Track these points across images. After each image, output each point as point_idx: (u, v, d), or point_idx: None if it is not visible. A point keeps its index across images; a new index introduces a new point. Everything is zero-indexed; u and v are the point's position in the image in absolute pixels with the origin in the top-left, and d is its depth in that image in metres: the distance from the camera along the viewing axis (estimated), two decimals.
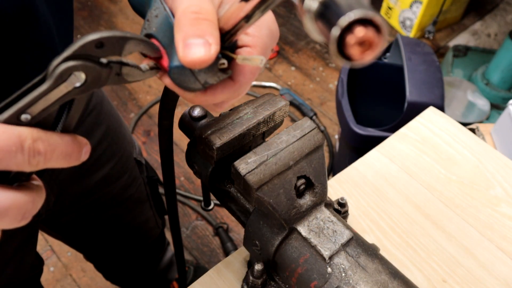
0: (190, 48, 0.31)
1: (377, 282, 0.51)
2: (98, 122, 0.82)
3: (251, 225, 0.59)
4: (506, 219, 0.78)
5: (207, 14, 0.33)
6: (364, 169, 0.84)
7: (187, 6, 0.32)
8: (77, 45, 0.30)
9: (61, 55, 0.31)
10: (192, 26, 0.32)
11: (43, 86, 0.31)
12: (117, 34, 0.32)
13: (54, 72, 0.30)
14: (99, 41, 0.31)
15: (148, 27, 0.36)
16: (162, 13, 0.35)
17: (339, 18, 0.20)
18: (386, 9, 2.52)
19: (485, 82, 2.06)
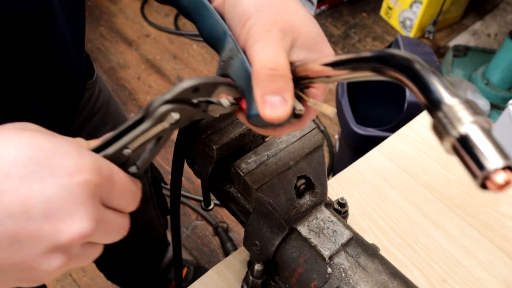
0: (269, 105, 0.34)
1: (377, 282, 0.51)
2: (104, 121, 0.82)
3: (251, 225, 0.59)
4: (506, 219, 0.78)
5: (283, 70, 0.35)
6: (364, 169, 0.84)
7: (264, 62, 0.35)
8: (177, 90, 0.35)
9: (162, 98, 0.35)
10: (270, 83, 0.34)
11: (144, 125, 0.35)
12: (211, 81, 0.36)
13: (155, 113, 0.35)
14: (196, 87, 0.35)
15: (223, 67, 0.39)
16: (237, 56, 0.38)
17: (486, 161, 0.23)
18: (386, 9, 2.52)
19: (485, 82, 2.06)
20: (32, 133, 0.31)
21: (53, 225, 0.30)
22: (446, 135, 0.25)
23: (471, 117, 0.24)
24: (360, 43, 2.46)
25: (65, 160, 0.31)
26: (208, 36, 0.41)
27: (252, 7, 0.37)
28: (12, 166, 0.29)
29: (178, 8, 0.44)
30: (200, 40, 2.42)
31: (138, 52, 2.37)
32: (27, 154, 0.30)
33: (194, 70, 2.29)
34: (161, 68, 2.30)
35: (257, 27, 0.36)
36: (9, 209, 0.29)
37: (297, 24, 0.38)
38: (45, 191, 0.30)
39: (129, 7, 2.59)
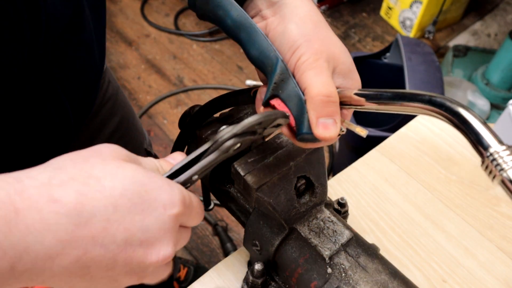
0: (322, 127, 0.41)
1: (377, 282, 0.51)
2: (113, 112, 0.84)
3: (251, 225, 0.59)
4: (506, 219, 0.78)
5: (335, 97, 0.41)
6: (364, 169, 0.84)
7: (319, 89, 0.41)
8: (245, 126, 0.39)
9: (231, 131, 0.39)
10: (324, 108, 0.41)
11: (212, 156, 0.40)
12: (273, 116, 0.41)
13: (223, 146, 0.39)
14: (260, 122, 0.40)
15: (275, 89, 0.43)
16: (288, 79, 0.43)
17: None
18: (386, 9, 2.52)
19: (485, 82, 2.06)
20: (133, 168, 0.36)
21: (144, 249, 0.35)
22: (495, 174, 0.34)
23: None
24: (360, 43, 2.46)
25: (161, 195, 0.36)
26: (257, 57, 0.44)
27: (301, 36, 0.43)
28: (119, 199, 0.34)
29: (221, 27, 0.47)
30: (200, 40, 2.42)
31: (138, 52, 2.37)
32: (131, 188, 0.34)
33: (194, 70, 2.29)
34: (161, 68, 2.30)
35: (307, 56, 0.42)
36: (115, 237, 0.34)
37: (336, 55, 0.44)
38: (144, 222, 0.35)
39: (129, 7, 2.59)
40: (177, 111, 2.11)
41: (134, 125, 0.93)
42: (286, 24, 0.44)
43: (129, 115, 0.90)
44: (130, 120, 0.91)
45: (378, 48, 2.39)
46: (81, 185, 0.33)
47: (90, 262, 0.33)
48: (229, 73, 2.29)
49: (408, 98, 0.39)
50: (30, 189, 0.32)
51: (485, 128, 0.34)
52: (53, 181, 0.33)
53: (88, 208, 0.33)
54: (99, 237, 0.33)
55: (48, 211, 0.31)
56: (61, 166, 0.34)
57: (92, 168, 0.34)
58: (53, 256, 0.32)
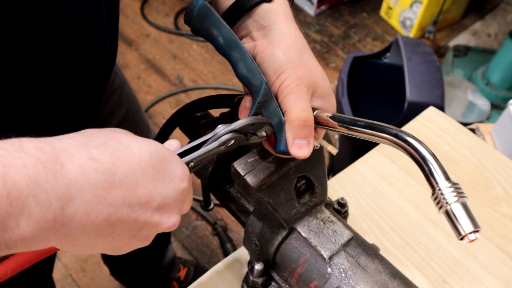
0: (297, 147, 0.46)
1: (377, 282, 0.51)
2: (120, 103, 0.85)
3: (251, 225, 0.59)
4: (506, 219, 0.78)
5: (311, 122, 0.47)
6: (364, 169, 0.84)
7: (298, 114, 0.46)
8: (242, 124, 0.46)
9: (228, 127, 0.46)
10: (300, 130, 0.46)
11: (210, 145, 0.45)
12: (263, 120, 0.47)
13: (220, 138, 0.45)
14: (253, 123, 0.46)
15: (258, 108, 0.48)
16: (270, 100, 0.48)
17: (464, 226, 0.40)
18: (386, 9, 2.52)
19: (485, 82, 2.05)
20: (155, 142, 0.40)
21: (160, 214, 0.39)
22: (442, 205, 0.41)
23: (456, 197, 0.40)
24: (360, 43, 2.46)
25: (177, 168, 0.40)
26: (244, 77, 0.49)
27: (286, 62, 0.48)
28: (146, 166, 0.38)
29: (213, 44, 0.51)
30: (200, 40, 2.42)
31: (138, 52, 2.37)
32: (156, 158, 0.39)
33: (194, 70, 2.30)
34: (161, 68, 2.30)
35: (290, 81, 0.47)
36: (140, 199, 0.37)
37: (317, 80, 0.49)
38: (165, 189, 0.39)
39: (129, 7, 2.59)
40: None
41: (140, 116, 0.94)
42: (274, 49, 0.49)
43: (135, 107, 0.92)
44: (136, 112, 0.92)
45: (378, 48, 2.39)
46: (114, 150, 0.36)
47: (117, 221, 0.37)
48: (229, 73, 2.29)
49: (378, 130, 0.44)
50: (71, 147, 0.35)
51: (439, 167, 0.42)
52: (90, 143, 0.36)
53: (121, 169, 0.36)
54: (128, 197, 0.36)
55: (88, 167, 0.34)
56: (93, 134, 0.38)
57: (120, 138, 0.38)
58: (89, 212, 0.34)
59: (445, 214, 0.40)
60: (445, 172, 0.41)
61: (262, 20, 0.50)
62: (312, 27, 2.51)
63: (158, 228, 0.40)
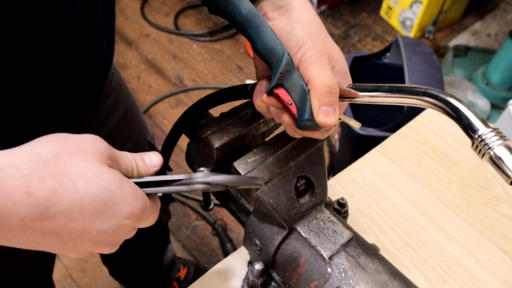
0: (324, 114, 0.45)
1: (377, 282, 0.51)
2: (117, 104, 0.85)
3: (251, 225, 0.59)
4: (506, 219, 0.78)
5: (336, 89, 0.46)
6: (364, 169, 0.84)
7: (324, 80, 0.45)
8: (220, 181, 0.45)
9: (206, 178, 0.44)
10: (327, 97, 0.45)
11: (182, 187, 0.44)
12: (248, 183, 0.48)
13: (193, 186, 0.44)
14: (235, 185, 0.46)
15: (280, 78, 0.46)
16: (293, 71, 0.46)
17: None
18: (386, 9, 2.52)
19: (485, 82, 2.05)
20: (109, 178, 0.40)
21: (92, 246, 0.42)
22: (484, 152, 0.38)
23: (500, 141, 0.37)
24: (360, 43, 2.46)
25: (124, 207, 0.41)
26: (264, 49, 0.48)
27: (306, 35, 0.47)
28: (87, 205, 0.38)
29: (230, 21, 0.50)
30: (200, 40, 2.42)
31: (138, 52, 2.37)
32: (101, 197, 0.39)
33: (194, 70, 2.29)
34: (161, 68, 2.30)
35: (311, 52, 0.46)
36: (71, 232, 0.39)
37: (335, 56, 0.49)
38: (102, 226, 0.40)
39: (129, 7, 2.59)
40: (177, 111, 2.11)
41: (137, 117, 0.94)
42: (293, 24, 0.48)
43: (132, 108, 0.92)
44: (134, 113, 0.92)
45: (378, 48, 2.39)
46: (57, 184, 0.37)
47: (45, 242, 0.39)
48: (229, 73, 2.29)
49: (406, 92, 0.43)
50: (10, 179, 0.36)
51: (474, 115, 0.39)
52: (33, 175, 0.37)
53: (57, 205, 0.37)
54: (58, 229, 0.38)
55: (21, 202, 0.36)
56: (45, 158, 0.38)
57: (71, 168, 0.38)
58: (13, 234, 0.37)
59: (489, 161, 0.38)
60: (483, 119, 0.39)
61: (278, 0, 0.50)
62: None
63: (89, 251, 0.43)
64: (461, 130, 0.40)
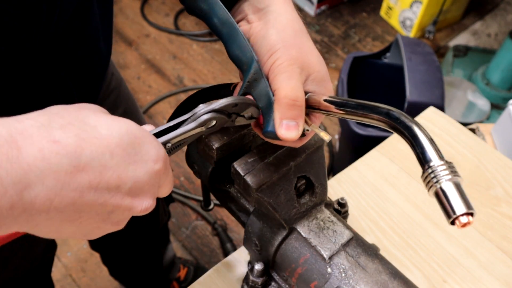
0: (285, 128, 0.43)
1: (377, 282, 0.51)
2: (117, 104, 0.85)
3: (251, 225, 0.59)
4: (506, 219, 0.78)
5: (300, 102, 0.44)
6: (364, 169, 0.84)
7: (287, 92, 0.43)
8: (223, 104, 0.43)
9: (208, 107, 0.43)
10: (289, 110, 0.43)
11: (189, 125, 0.43)
12: (247, 101, 0.45)
13: (200, 118, 0.43)
14: (236, 104, 0.43)
15: (248, 87, 0.46)
16: (261, 79, 0.46)
17: (456, 208, 0.35)
18: (386, 9, 2.52)
19: (485, 82, 2.05)
20: (126, 121, 0.38)
21: (132, 198, 0.37)
22: (432, 185, 0.36)
23: (450, 175, 0.35)
24: (360, 43, 2.46)
25: (151, 149, 0.38)
26: (236, 56, 0.48)
27: (280, 42, 0.46)
28: (116, 148, 0.35)
29: (208, 25, 0.50)
30: (200, 40, 2.42)
31: (138, 52, 2.37)
32: (127, 139, 0.36)
33: (194, 70, 2.29)
34: (161, 68, 2.30)
35: (282, 60, 0.45)
36: (108, 183, 0.35)
37: (312, 63, 0.46)
38: (136, 173, 0.37)
39: (129, 7, 2.59)
40: None
41: (137, 117, 0.94)
42: (268, 29, 0.47)
43: (132, 108, 0.92)
44: (134, 113, 0.92)
45: (378, 48, 2.39)
46: (80, 130, 0.34)
47: (83, 206, 0.34)
48: (229, 73, 2.29)
49: (369, 109, 0.42)
50: (31, 128, 0.32)
51: (430, 145, 0.38)
52: (53, 124, 0.33)
53: (87, 152, 0.34)
54: (95, 182, 0.34)
55: (50, 150, 0.32)
56: (57, 112, 0.35)
57: (87, 117, 0.36)
58: (51, 198, 0.32)
59: (434, 195, 0.36)
60: (438, 151, 0.37)
61: (258, 3, 0.49)
62: (312, 27, 2.51)
63: (130, 212, 0.38)
64: (416, 158, 0.39)
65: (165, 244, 1.33)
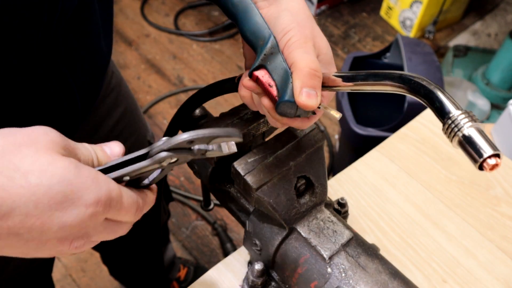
0: (305, 95, 0.44)
1: (377, 282, 0.51)
2: (117, 102, 0.85)
3: (251, 225, 0.59)
4: (506, 219, 0.78)
5: (320, 73, 0.45)
6: (364, 169, 0.84)
7: (308, 63, 0.45)
8: (173, 142, 0.40)
9: (161, 146, 0.40)
10: (310, 79, 0.44)
11: (143, 162, 0.41)
12: (207, 134, 0.40)
13: (154, 157, 0.40)
14: (191, 140, 0.40)
15: (263, 59, 0.46)
16: (277, 53, 0.46)
17: (482, 150, 0.35)
18: (386, 9, 2.52)
19: (485, 82, 2.05)
20: (64, 165, 0.37)
21: (58, 241, 0.38)
22: (454, 134, 0.36)
23: (470, 122, 0.36)
24: (360, 43, 2.46)
25: (86, 194, 0.37)
26: (251, 33, 0.48)
27: (294, 22, 0.47)
28: (42, 197, 0.35)
29: (222, 6, 0.50)
30: (200, 40, 2.42)
31: (138, 52, 2.37)
32: (57, 187, 0.36)
33: (194, 70, 2.29)
34: (161, 68, 2.30)
35: (297, 37, 0.46)
36: (31, 229, 0.36)
37: (321, 45, 0.49)
38: (63, 219, 0.37)
39: (129, 7, 2.59)
40: None
41: (137, 116, 0.94)
42: (281, 11, 0.48)
43: (132, 107, 0.92)
44: (134, 111, 0.92)
45: (378, 48, 2.39)
46: (6, 179, 0.35)
47: (5, 246, 0.37)
48: (229, 73, 2.29)
49: (381, 77, 0.43)
50: None
51: (446, 98, 0.39)
52: None
53: (9, 202, 0.34)
54: (15, 228, 0.35)
55: None
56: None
57: (21, 161, 0.36)
58: None
59: (458, 144, 0.36)
60: (455, 102, 0.38)
61: None
62: None
63: (58, 250, 0.39)
64: (434, 113, 0.39)
65: (165, 243, 1.33)
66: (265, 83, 0.46)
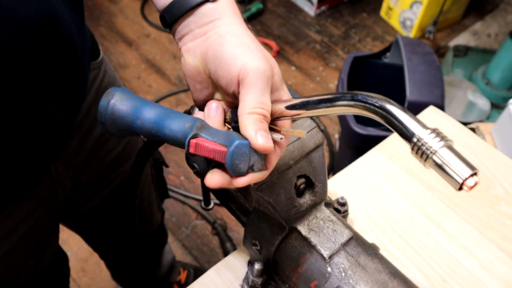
0: (264, 138, 0.42)
1: (377, 282, 0.51)
2: None
3: (251, 224, 0.59)
4: (506, 219, 0.78)
5: (267, 112, 0.43)
6: (364, 168, 0.84)
7: (255, 104, 0.43)
8: None
9: None
10: (259, 124, 0.42)
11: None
12: None
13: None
14: None
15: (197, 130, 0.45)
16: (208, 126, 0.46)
17: (460, 172, 0.34)
18: (386, 9, 2.52)
19: (485, 81, 2.06)
20: None
21: None
22: (426, 157, 0.34)
23: (442, 142, 0.33)
24: (360, 43, 2.46)
25: None
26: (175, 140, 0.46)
27: (243, 51, 0.44)
28: None
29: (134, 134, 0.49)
30: None
31: (138, 52, 2.37)
32: None
33: None
34: (161, 68, 2.30)
35: (246, 73, 0.43)
36: None
37: (273, 68, 0.45)
38: None
39: (129, 7, 2.59)
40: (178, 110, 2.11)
41: None
42: (223, 37, 0.46)
43: None
44: None
45: (378, 48, 2.39)
46: None
47: None
48: None
49: (333, 100, 0.40)
50: None
51: (409, 117, 0.35)
52: None
53: None
54: None
55: None
56: None
57: None
58: None
59: (433, 165, 0.33)
60: (420, 121, 0.35)
61: (205, 16, 0.48)
62: (312, 27, 2.51)
63: None
64: (398, 134, 0.35)
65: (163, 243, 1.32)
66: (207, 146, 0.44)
